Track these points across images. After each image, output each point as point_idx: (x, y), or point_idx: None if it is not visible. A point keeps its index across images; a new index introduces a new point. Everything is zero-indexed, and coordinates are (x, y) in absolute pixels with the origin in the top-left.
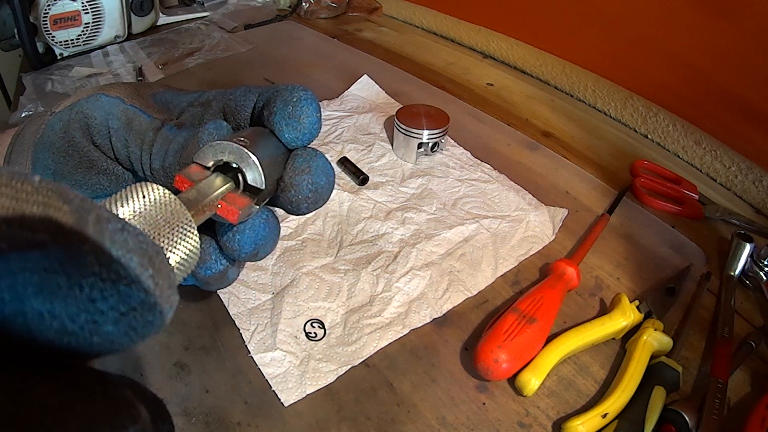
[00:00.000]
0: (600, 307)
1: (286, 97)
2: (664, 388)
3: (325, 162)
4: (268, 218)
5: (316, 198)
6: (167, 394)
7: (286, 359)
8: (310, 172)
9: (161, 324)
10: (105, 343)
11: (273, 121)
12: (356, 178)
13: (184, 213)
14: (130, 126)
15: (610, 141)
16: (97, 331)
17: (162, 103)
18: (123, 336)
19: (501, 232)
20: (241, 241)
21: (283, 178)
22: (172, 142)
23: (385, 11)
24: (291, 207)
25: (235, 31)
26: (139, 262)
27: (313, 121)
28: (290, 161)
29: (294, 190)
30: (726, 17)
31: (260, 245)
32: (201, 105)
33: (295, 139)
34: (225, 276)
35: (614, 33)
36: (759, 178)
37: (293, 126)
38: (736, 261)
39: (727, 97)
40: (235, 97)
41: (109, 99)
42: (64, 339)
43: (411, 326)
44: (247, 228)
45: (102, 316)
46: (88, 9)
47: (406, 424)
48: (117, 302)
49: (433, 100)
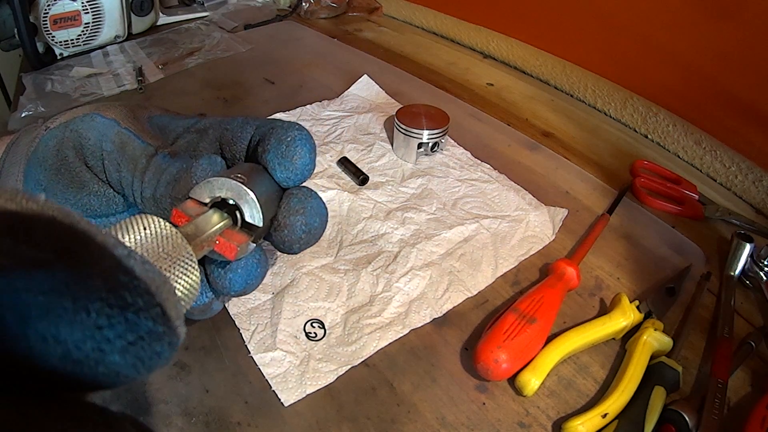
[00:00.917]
0: (600, 307)
1: (280, 136)
2: (664, 388)
3: (320, 202)
4: (260, 259)
5: (308, 239)
6: (167, 394)
7: (286, 359)
8: (304, 213)
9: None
10: (110, 374)
11: (266, 159)
12: (356, 178)
13: (186, 247)
14: (124, 150)
15: (610, 141)
16: (102, 361)
17: (158, 127)
18: (129, 367)
19: (501, 232)
20: (232, 279)
21: (277, 218)
22: (164, 172)
23: (385, 11)
24: (283, 246)
25: (235, 31)
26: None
27: (305, 162)
28: (285, 200)
29: (288, 230)
30: (726, 17)
31: (250, 284)
32: (197, 132)
33: (286, 179)
34: (209, 308)
35: (614, 33)
36: (759, 178)
37: (285, 166)
38: (736, 261)
39: (727, 97)
40: (231, 127)
41: (104, 120)
42: (68, 367)
43: (411, 326)
44: (239, 267)
45: (108, 344)
46: (88, 9)
47: (406, 424)
48: (124, 330)
49: (433, 100)
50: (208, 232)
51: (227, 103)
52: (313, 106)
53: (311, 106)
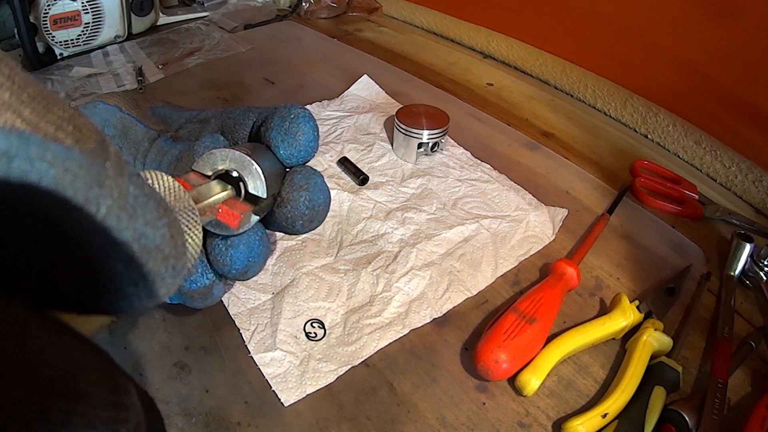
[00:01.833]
0: (600, 307)
1: (283, 114)
2: (664, 388)
3: (323, 182)
4: (263, 236)
5: (312, 216)
6: (167, 394)
7: (286, 359)
8: (308, 189)
9: (171, 279)
10: (124, 257)
11: (270, 136)
12: (356, 178)
13: (188, 200)
14: (126, 134)
15: (610, 141)
16: (131, 227)
17: (160, 117)
18: (131, 285)
19: (501, 232)
20: (234, 255)
21: (281, 194)
22: (166, 154)
23: (385, 11)
24: (287, 224)
25: (235, 31)
26: (155, 203)
27: (309, 139)
28: (288, 177)
29: (291, 205)
30: (726, 17)
31: (252, 263)
32: (199, 122)
33: (290, 155)
34: (210, 292)
35: (614, 33)
36: (759, 178)
37: (289, 142)
38: (736, 261)
39: (727, 97)
40: (234, 115)
41: (106, 107)
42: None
43: (411, 326)
44: (242, 243)
45: (115, 249)
46: (88, 9)
47: (406, 424)
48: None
49: (433, 100)
50: (211, 199)
51: (227, 103)
52: (313, 106)
53: (311, 106)
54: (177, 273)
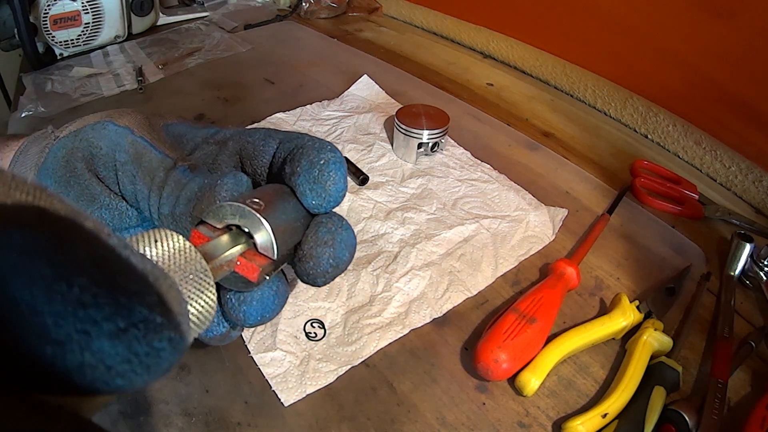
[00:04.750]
0: (600, 307)
1: (312, 158)
2: (664, 388)
3: (350, 233)
4: (278, 290)
5: (335, 273)
6: (167, 394)
7: (286, 359)
8: (332, 245)
9: (171, 356)
10: (101, 368)
11: (296, 182)
12: (356, 178)
13: (200, 261)
14: (139, 161)
15: (610, 141)
16: (89, 346)
17: (174, 136)
18: (123, 362)
19: (501, 232)
20: (246, 312)
21: (302, 247)
22: (184, 188)
23: (385, 11)
24: (307, 278)
25: (235, 31)
26: (142, 277)
27: (339, 188)
28: (312, 229)
29: (313, 262)
30: (726, 17)
31: (266, 318)
32: (216, 143)
33: (318, 205)
34: (228, 336)
35: (614, 33)
36: (759, 178)
37: (318, 192)
38: (736, 261)
39: (727, 97)
40: (253, 140)
41: (117, 129)
42: (48, 349)
43: (411, 326)
44: (254, 300)
45: (95, 326)
46: (88, 9)
47: (406, 424)
48: (113, 313)
49: (433, 100)
50: (228, 253)
51: (227, 103)
52: (313, 106)
53: (311, 106)
54: (175, 345)
